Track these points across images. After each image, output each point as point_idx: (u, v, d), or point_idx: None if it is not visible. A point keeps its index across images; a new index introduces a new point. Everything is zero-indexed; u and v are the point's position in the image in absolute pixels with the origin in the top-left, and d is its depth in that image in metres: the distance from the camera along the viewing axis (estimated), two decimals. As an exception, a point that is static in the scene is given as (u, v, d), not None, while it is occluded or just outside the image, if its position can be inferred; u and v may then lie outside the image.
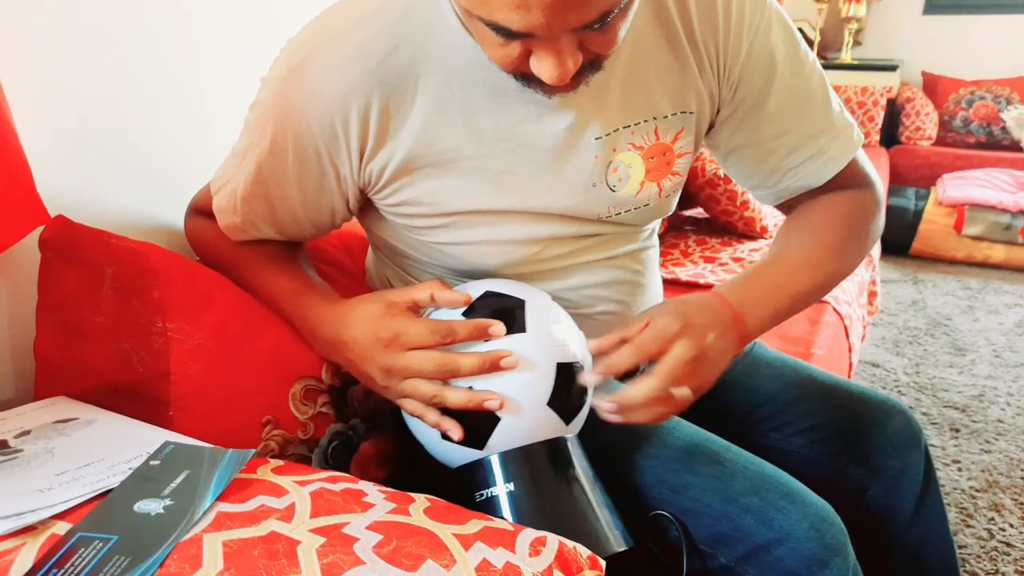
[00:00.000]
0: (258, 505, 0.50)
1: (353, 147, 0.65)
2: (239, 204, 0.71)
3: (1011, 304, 2.61)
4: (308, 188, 0.68)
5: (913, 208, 3.14)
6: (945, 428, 1.82)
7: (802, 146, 0.76)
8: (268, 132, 0.66)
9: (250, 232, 0.74)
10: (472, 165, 0.66)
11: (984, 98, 3.61)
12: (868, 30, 4.03)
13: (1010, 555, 1.38)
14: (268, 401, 0.70)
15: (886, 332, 2.39)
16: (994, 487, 1.59)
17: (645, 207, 0.74)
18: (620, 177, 0.71)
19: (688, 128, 0.72)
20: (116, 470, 0.52)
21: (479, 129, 0.65)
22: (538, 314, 0.66)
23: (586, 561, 0.54)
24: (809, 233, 0.77)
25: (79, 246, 0.67)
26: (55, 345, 0.68)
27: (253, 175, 0.69)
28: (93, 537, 0.44)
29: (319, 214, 0.72)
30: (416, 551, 0.47)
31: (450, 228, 0.70)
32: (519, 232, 0.70)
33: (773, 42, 0.71)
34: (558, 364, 0.64)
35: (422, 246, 0.74)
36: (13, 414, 0.62)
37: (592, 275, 0.77)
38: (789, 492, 0.68)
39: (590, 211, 0.72)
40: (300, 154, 0.66)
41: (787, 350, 1.28)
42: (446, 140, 0.65)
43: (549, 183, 0.68)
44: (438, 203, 0.68)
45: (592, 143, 0.68)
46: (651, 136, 0.70)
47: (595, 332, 0.72)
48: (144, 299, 0.65)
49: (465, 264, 0.74)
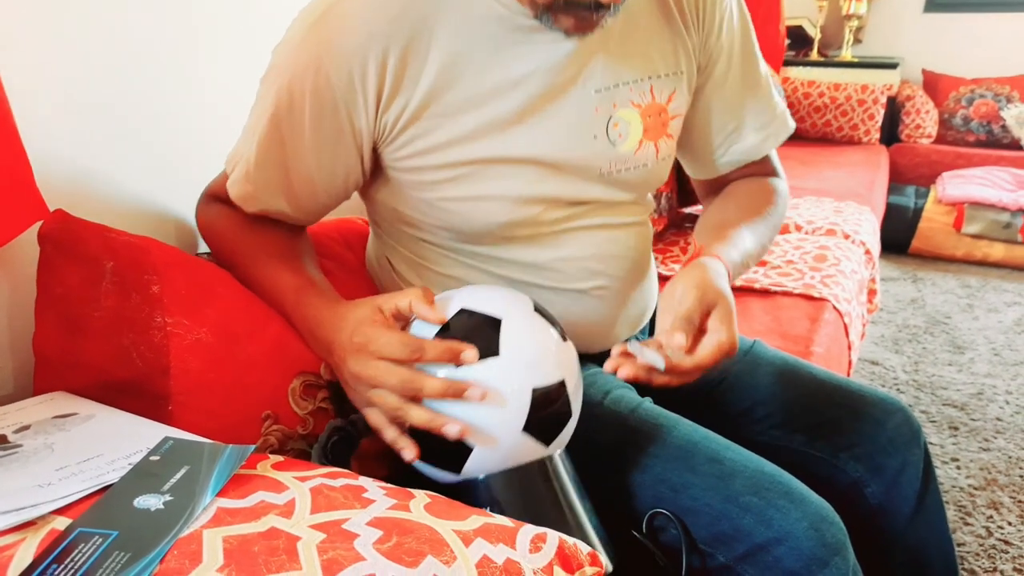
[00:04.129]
0: (258, 501, 0.49)
1: (370, 97, 0.67)
2: (253, 170, 0.72)
3: (1010, 302, 2.61)
4: (324, 147, 0.70)
5: (913, 206, 3.14)
6: (944, 426, 1.82)
7: (749, 122, 0.87)
8: (284, 93, 0.68)
9: (263, 201, 0.75)
10: (482, 112, 0.70)
11: (984, 96, 3.60)
12: (869, 28, 4.02)
13: (1008, 553, 1.38)
14: (268, 396, 0.70)
15: (885, 330, 2.39)
16: (992, 485, 1.59)
17: (643, 168, 0.79)
18: (620, 132, 0.76)
19: (680, 89, 0.80)
20: (116, 465, 0.52)
21: (489, 78, 0.69)
22: (514, 334, 0.63)
23: (586, 558, 0.54)
24: (756, 215, 0.86)
25: (78, 240, 0.67)
26: (55, 340, 0.68)
27: (268, 137, 0.70)
28: (93, 533, 0.44)
29: (333, 177, 0.73)
30: (416, 547, 0.47)
31: (457, 181, 0.72)
32: (523, 188, 0.73)
33: (736, 25, 0.83)
34: (533, 389, 0.62)
35: (426, 206, 0.75)
36: (12, 409, 0.62)
37: (587, 245, 0.79)
38: (789, 491, 0.68)
39: (592, 165, 0.76)
40: (317, 110, 0.68)
41: (787, 348, 1.28)
42: (458, 88, 0.68)
43: (553, 131, 0.72)
44: (448, 152, 0.70)
45: (592, 95, 0.73)
46: (647, 95, 0.77)
47: (589, 311, 0.73)
48: (144, 294, 0.65)
49: (468, 224, 0.75)
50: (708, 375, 0.92)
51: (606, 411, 0.78)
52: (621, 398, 0.79)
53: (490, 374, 0.61)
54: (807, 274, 1.61)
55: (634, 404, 0.78)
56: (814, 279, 1.59)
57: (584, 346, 0.80)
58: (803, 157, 3.14)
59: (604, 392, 0.80)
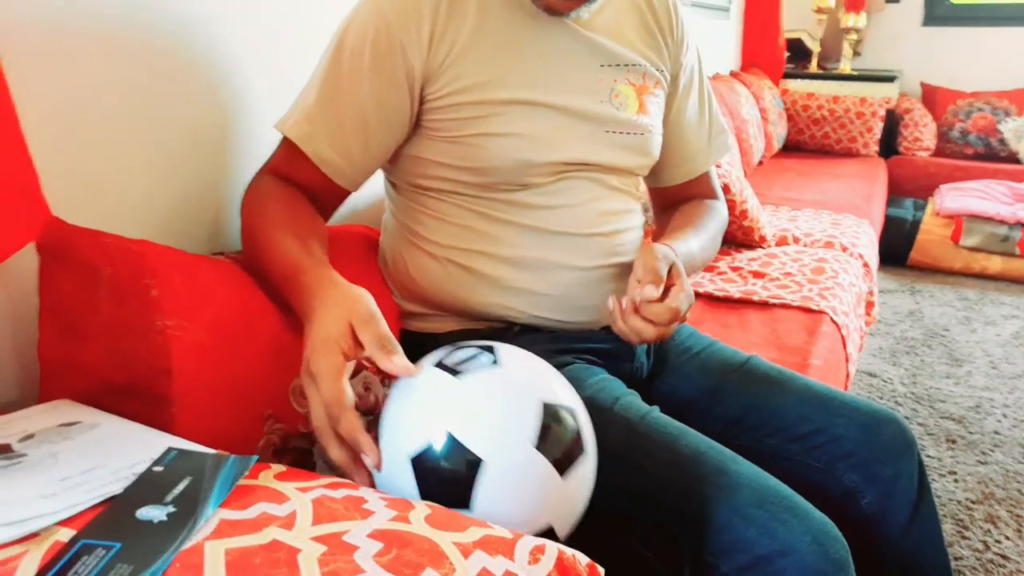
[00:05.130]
0: (260, 512, 0.50)
1: (424, 36, 0.79)
2: (314, 108, 0.80)
3: (1008, 315, 2.62)
4: (382, 88, 0.80)
5: (911, 219, 3.15)
6: (941, 439, 1.83)
7: (700, 139, 1.04)
8: (350, 38, 0.79)
9: (317, 143, 0.80)
10: (514, 58, 0.82)
11: (982, 110, 3.62)
12: (867, 41, 4.04)
13: (1005, 567, 1.39)
14: (269, 395, 0.71)
15: (883, 342, 2.39)
16: (990, 499, 1.59)
17: (641, 136, 0.91)
18: (621, 102, 0.90)
19: (661, 84, 0.95)
20: (119, 475, 0.52)
21: (517, 34, 0.83)
22: (495, 486, 0.56)
23: (585, 568, 0.55)
24: (700, 225, 0.99)
25: (74, 248, 0.68)
26: (58, 346, 0.68)
27: (331, 79, 0.80)
28: (96, 544, 0.45)
29: (386, 124, 0.82)
30: (416, 559, 0.47)
31: (488, 119, 0.82)
32: (544, 131, 0.84)
33: (695, 49, 1.01)
34: None
35: (456, 147, 0.83)
36: (17, 417, 0.62)
37: (592, 198, 0.88)
38: (793, 506, 0.69)
39: (600, 120, 0.88)
40: (377, 51, 0.79)
41: (784, 360, 1.28)
42: (494, 37, 0.82)
43: (569, 87, 0.85)
44: (484, 91, 0.81)
45: (598, 68, 0.88)
46: (640, 78, 0.92)
47: (592, 283, 0.87)
48: (142, 298, 0.66)
49: (494, 159, 0.83)
50: (704, 385, 0.93)
51: (616, 417, 0.78)
52: (630, 405, 0.80)
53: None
54: (805, 286, 1.62)
55: (643, 411, 0.79)
56: (812, 291, 1.59)
57: (592, 321, 0.91)
58: (802, 169, 3.16)
59: (614, 398, 0.81)
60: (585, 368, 0.87)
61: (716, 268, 1.73)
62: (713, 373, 0.95)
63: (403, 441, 0.60)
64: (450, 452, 0.58)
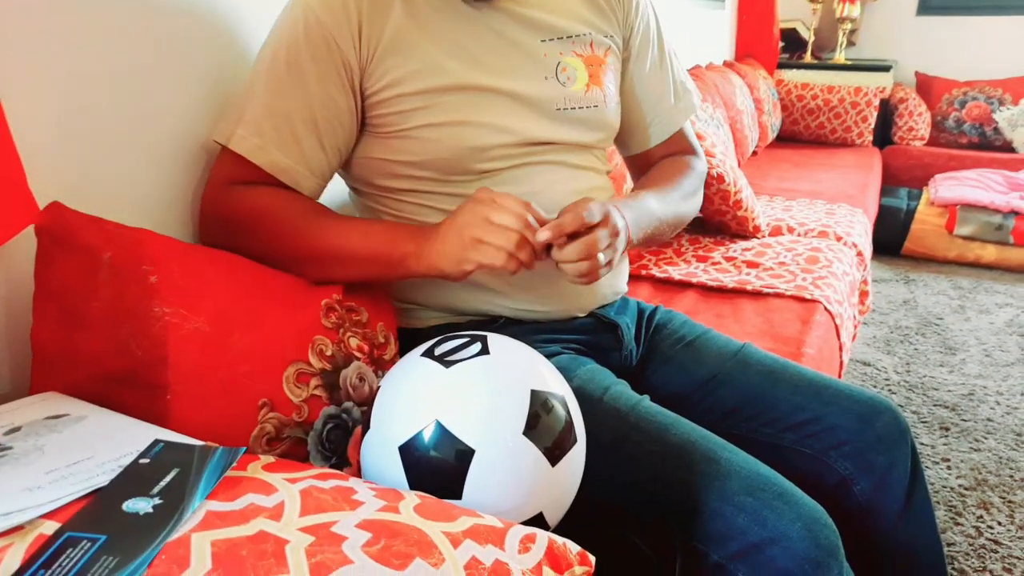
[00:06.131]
0: (247, 504, 0.50)
1: (353, 27, 0.78)
2: (261, 120, 0.79)
3: (1002, 304, 2.63)
4: (324, 87, 0.79)
5: (905, 208, 3.15)
6: (935, 427, 1.83)
7: (664, 100, 1.01)
8: (283, 43, 0.79)
9: (270, 154, 0.80)
10: (449, 45, 0.81)
11: (977, 99, 3.62)
12: (862, 30, 4.03)
13: (998, 552, 1.39)
14: (264, 384, 0.71)
15: (877, 331, 2.40)
16: (983, 485, 1.60)
17: (594, 108, 0.90)
18: (568, 76, 0.88)
19: (612, 51, 0.93)
20: (106, 468, 0.52)
21: (446, 29, 0.81)
22: (485, 473, 0.57)
23: (575, 557, 0.55)
24: (665, 181, 0.97)
25: (75, 232, 0.67)
26: (52, 333, 0.68)
27: (273, 86, 0.79)
28: (81, 537, 0.44)
29: (335, 124, 0.81)
30: (405, 550, 0.47)
31: (430, 109, 0.81)
32: (491, 116, 0.82)
33: (650, 12, 0.99)
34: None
35: (407, 143, 0.82)
36: (4, 410, 0.62)
37: (555, 180, 0.87)
38: (783, 493, 0.69)
39: (547, 100, 0.86)
40: (313, 51, 0.78)
41: (778, 350, 1.28)
42: (423, 23, 0.81)
43: (510, 69, 0.84)
44: (421, 79, 0.80)
45: (539, 44, 0.86)
46: (588, 48, 0.90)
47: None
48: (141, 284, 0.65)
49: (445, 150, 0.82)
50: (698, 375, 0.92)
51: (606, 406, 0.78)
52: (620, 395, 0.80)
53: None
54: (799, 276, 1.62)
55: (633, 401, 0.79)
56: (806, 281, 1.59)
57: (573, 308, 0.91)
58: (796, 159, 3.15)
59: (603, 388, 0.81)
60: (573, 358, 0.86)
61: (710, 258, 1.72)
62: (706, 362, 0.95)
63: (392, 430, 0.60)
64: (439, 441, 0.58)
